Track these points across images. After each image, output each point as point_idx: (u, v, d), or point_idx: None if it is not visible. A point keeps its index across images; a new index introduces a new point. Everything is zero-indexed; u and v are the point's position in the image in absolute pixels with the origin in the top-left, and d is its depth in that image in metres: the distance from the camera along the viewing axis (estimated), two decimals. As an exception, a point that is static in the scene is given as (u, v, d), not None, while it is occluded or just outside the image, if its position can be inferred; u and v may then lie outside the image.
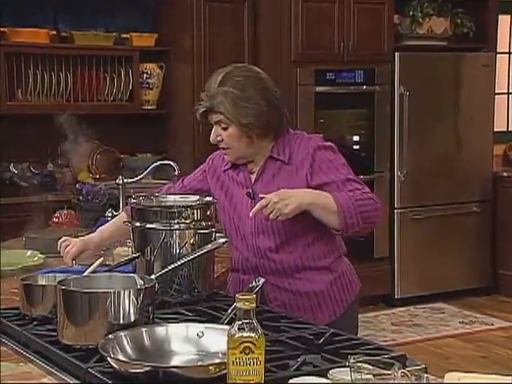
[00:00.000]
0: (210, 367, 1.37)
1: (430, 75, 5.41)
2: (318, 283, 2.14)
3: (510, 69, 6.41)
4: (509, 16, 6.27)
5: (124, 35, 4.93)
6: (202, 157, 4.90)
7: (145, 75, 4.97)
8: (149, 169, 3.05)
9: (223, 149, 2.16)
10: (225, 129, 2.11)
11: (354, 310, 2.24)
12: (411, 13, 5.45)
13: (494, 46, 5.80)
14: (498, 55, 5.86)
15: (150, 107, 5.04)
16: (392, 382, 1.27)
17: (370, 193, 2.10)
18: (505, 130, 6.32)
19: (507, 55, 6.36)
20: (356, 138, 5.29)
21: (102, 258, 1.95)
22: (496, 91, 5.81)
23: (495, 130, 5.80)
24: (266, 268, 2.14)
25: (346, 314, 2.19)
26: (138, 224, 1.96)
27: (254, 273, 2.14)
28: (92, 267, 1.88)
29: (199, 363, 1.47)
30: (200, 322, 1.68)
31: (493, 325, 4.97)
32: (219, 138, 2.13)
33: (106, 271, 1.90)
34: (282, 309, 2.10)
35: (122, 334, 1.50)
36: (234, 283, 2.25)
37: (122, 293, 1.58)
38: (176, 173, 3.08)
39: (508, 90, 6.40)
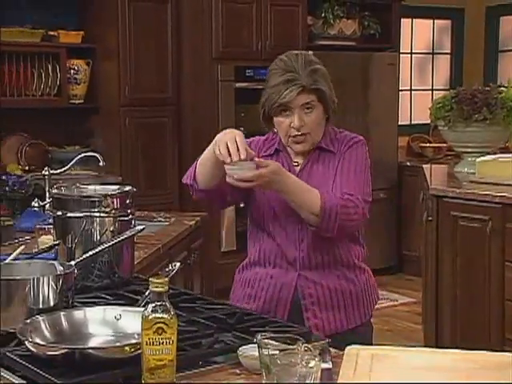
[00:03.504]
0: (126, 347, 1.34)
1: (341, 72, 5.47)
2: (354, 282, 2.00)
3: (412, 67, 6.58)
4: (410, 19, 6.43)
5: (51, 32, 4.79)
6: (128, 148, 4.91)
7: (72, 71, 4.85)
8: (74, 160, 2.99)
9: (298, 136, 1.93)
10: (308, 112, 1.92)
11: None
12: (323, 15, 5.51)
13: (398, 46, 5.93)
14: (401, 55, 6.00)
15: (77, 101, 4.92)
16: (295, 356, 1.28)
17: (363, 204, 2.00)
18: (408, 123, 6.49)
19: (409, 55, 6.53)
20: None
21: (23, 246, 1.89)
22: (400, 88, 5.96)
23: (399, 123, 5.94)
24: (305, 262, 1.94)
25: (370, 319, 2.08)
26: (59, 213, 1.90)
27: (290, 267, 1.95)
28: (13, 255, 1.82)
29: (117, 344, 1.44)
30: (119, 305, 1.64)
31: (397, 301, 5.09)
32: (302, 124, 1.92)
33: (26, 259, 1.83)
34: (316, 306, 1.95)
35: (40, 318, 1.45)
36: (262, 278, 1.98)
37: (40, 279, 1.53)
38: (100, 164, 3.03)
39: (411, 86, 6.57)
